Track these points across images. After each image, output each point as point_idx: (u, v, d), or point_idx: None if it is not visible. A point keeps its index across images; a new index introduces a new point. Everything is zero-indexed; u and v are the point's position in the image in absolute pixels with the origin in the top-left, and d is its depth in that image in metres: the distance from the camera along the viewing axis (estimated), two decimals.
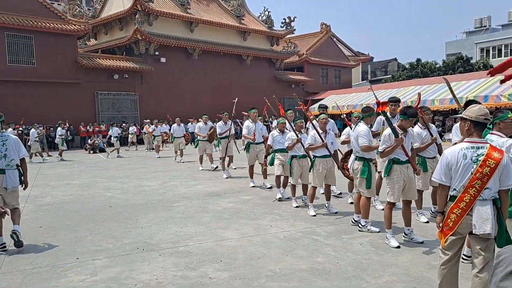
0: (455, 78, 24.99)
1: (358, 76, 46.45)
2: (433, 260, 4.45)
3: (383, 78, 43.50)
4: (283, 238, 5.45)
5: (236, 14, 31.82)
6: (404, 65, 40.18)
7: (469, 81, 21.99)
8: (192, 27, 28.37)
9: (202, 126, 12.16)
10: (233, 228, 5.97)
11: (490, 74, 4.23)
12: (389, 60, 51.57)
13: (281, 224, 6.17)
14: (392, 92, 25.35)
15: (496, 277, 1.25)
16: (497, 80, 20.33)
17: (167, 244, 5.29)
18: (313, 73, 36.78)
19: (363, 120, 5.89)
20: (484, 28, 46.78)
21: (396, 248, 4.90)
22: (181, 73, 27.82)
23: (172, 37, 27.10)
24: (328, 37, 38.76)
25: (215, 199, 8.10)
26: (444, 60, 37.31)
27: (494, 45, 41.52)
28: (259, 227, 6.00)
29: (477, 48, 42.53)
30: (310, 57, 36.19)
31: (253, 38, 32.16)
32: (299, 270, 4.29)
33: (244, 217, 6.65)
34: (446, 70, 34.49)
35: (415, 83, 27.32)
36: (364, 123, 5.81)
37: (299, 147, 7.06)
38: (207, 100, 28.22)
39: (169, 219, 6.63)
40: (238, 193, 8.71)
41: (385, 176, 5.18)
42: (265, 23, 33.77)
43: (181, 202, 7.94)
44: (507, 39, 40.60)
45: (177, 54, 27.56)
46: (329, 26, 38.87)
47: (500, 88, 19.09)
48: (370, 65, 50.05)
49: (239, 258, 4.69)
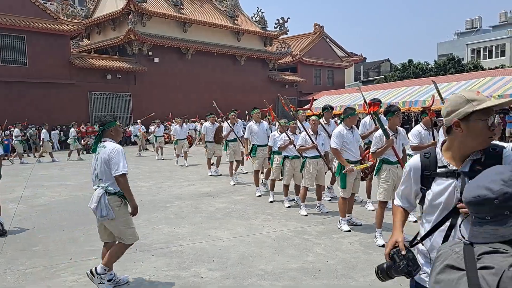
0: (446, 79, 25.26)
1: (351, 77, 46.69)
2: None
3: (376, 78, 43.75)
4: (274, 237, 5.55)
5: (230, 15, 31.89)
6: (397, 65, 40.47)
7: (460, 82, 22.23)
8: (186, 28, 28.39)
9: (209, 127, 11.24)
10: (225, 228, 6.05)
11: None
12: (381, 60, 51.88)
13: (273, 224, 6.27)
14: (384, 92, 25.58)
15: (435, 270, 1.35)
16: (487, 80, 20.64)
17: (160, 244, 5.36)
18: (307, 73, 36.95)
19: (343, 121, 5.94)
20: (475, 29, 47.29)
21: (382, 247, 5.00)
22: (174, 73, 27.83)
23: (166, 37, 27.11)
24: (321, 38, 38.96)
25: (208, 199, 8.17)
26: (435, 61, 37.64)
27: (484, 46, 41.98)
28: (251, 227, 6.09)
29: (468, 49, 42.97)
30: (303, 57, 36.35)
31: (246, 39, 32.25)
32: (290, 269, 4.38)
33: (237, 217, 6.74)
34: (437, 71, 34.79)
35: (407, 83, 27.55)
36: (344, 124, 5.90)
37: (292, 147, 7.16)
38: (201, 100, 28.24)
39: (162, 219, 6.70)
40: (231, 193, 8.79)
41: (375, 175, 5.32)
42: (258, 24, 33.88)
43: (174, 202, 8.01)
44: (497, 40, 41.07)
45: (170, 54, 27.57)
46: (322, 27, 39.08)
47: (490, 89, 19.34)
48: (363, 65, 50.32)
49: (231, 258, 4.78)
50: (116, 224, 3.87)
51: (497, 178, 1.31)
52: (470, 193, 1.35)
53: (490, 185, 1.30)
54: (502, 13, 45.20)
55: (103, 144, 3.94)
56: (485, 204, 1.30)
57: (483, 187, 1.32)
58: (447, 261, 1.31)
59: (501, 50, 40.63)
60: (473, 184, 1.38)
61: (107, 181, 3.85)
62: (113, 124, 4.01)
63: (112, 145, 3.90)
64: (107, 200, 3.79)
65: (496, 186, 1.29)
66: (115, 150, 3.83)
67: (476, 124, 1.73)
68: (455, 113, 1.77)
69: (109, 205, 3.79)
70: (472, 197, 1.33)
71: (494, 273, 1.16)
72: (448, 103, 1.83)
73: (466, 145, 1.79)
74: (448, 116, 1.80)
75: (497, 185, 1.29)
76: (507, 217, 1.26)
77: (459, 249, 1.31)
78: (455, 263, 1.28)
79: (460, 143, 1.80)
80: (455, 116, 1.77)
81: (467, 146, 1.79)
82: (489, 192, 1.29)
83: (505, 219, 1.27)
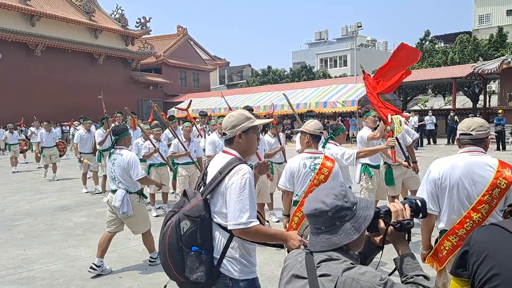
0: (301, 85, 27.78)
1: (216, 80, 47.77)
2: (282, 258, 4.92)
3: (239, 82, 45.63)
4: (142, 251, 5.35)
5: (86, 10, 29.66)
6: (257, 71, 42.82)
7: (311, 88, 24.65)
8: (34, 21, 25.45)
9: (84, 135, 9.28)
10: (86, 246, 5.61)
11: None
12: (243, 65, 54.26)
13: (139, 236, 6.02)
14: (247, 97, 26.80)
15: (283, 280, 1.49)
16: (333, 88, 23.30)
17: (7, 271, 4.71)
18: (171, 75, 36.50)
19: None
20: (323, 41, 52.90)
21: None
22: (21, 71, 24.68)
23: (8, 30, 23.89)
24: (185, 40, 38.92)
25: (65, 214, 7.47)
26: (291, 68, 40.98)
27: (331, 56, 47.34)
28: (116, 242, 5.74)
29: (318, 58, 47.88)
30: (167, 59, 35.82)
31: (105, 36, 30.39)
32: (158, 283, 4.28)
33: (99, 231, 6.30)
34: (293, 77, 37.94)
35: (267, 89, 29.42)
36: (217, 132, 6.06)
37: (157, 155, 7.03)
38: (56, 101, 25.65)
39: (9, 241, 5.89)
40: (92, 205, 8.18)
41: None
42: (118, 22, 32.25)
43: (24, 220, 7.11)
44: (341, 52, 46.69)
45: (15, 49, 24.40)
46: (186, 29, 39.10)
47: (336, 95, 21.90)
48: (227, 69, 51.94)
49: (93, 279, 4.45)
50: (135, 218, 4.63)
51: (330, 193, 1.46)
52: (308, 207, 1.48)
53: (324, 199, 1.44)
54: (344, 27, 51.46)
55: (119, 151, 4.60)
56: (321, 216, 1.43)
57: (319, 201, 1.45)
58: (292, 271, 1.45)
59: (344, 61, 46.33)
60: (311, 198, 1.51)
61: (127, 184, 4.57)
62: (126, 133, 4.71)
63: (129, 153, 4.62)
64: (128, 197, 4.52)
65: (329, 199, 1.43)
66: (133, 158, 4.57)
67: None
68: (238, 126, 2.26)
69: (130, 202, 4.53)
70: (310, 210, 1.46)
71: (331, 280, 1.32)
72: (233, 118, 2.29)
73: None
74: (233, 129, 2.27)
75: (329, 199, 1.43)
76: (338, 227, 1.42)
77: (301, 258, 1.45)
78: (299, 272, 1.42)
79: None
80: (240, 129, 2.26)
81: None
82: (324, 205, 1.43)
83: (336, 228, 1.42)
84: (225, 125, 2.27)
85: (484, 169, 2.55)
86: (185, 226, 2.12)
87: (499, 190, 2.48)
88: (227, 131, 2.25)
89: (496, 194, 2.48)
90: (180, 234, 2.11)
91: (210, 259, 2.15)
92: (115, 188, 4.58)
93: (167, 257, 2.15)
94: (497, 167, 2.52)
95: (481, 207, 2.51)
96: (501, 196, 2.49)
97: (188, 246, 2.12)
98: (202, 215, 2.14)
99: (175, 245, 2.12)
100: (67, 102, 25.90)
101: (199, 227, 2.13)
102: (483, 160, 2.59)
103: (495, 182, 2.49)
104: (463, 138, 2.69)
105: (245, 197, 2.10)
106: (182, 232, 2.11)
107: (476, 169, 2.57)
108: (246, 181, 2.13)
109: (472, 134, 2.65)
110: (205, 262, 2.13)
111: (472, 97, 25.65)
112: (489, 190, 2.49)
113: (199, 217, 2.13)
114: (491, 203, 2.49)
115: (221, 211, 2.17)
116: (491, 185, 2.50)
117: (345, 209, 1.42)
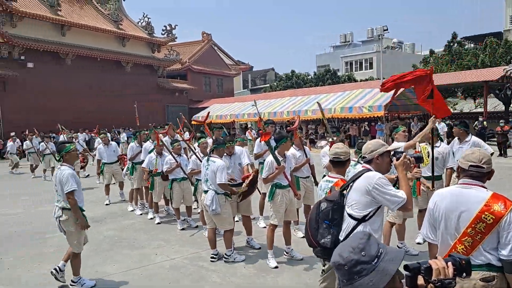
0: (324, 90, 27.49)
1: (240, 84, 47.97)
2: (308, 278, 4.85)
3: (263, 87, 45.65)
4: (168, 267, 5.39)
5: (114, 19, 30.37)
6: (281, 75, 42.74)
7: (336, 93, 24.34)
8: (64, 31, 26.25)
9: (102, 149, 9.42)
10: (114, 261, 5.69)
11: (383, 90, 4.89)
12: (267, 69, 54.30)
13: (166, 250, 6.08)
14: (271, 102, 26.77)
15: None
16: (359, 92, 22.94)
17: (37, 287, 4.83)
18: (196, 81, 36.92)
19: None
20: (348, 43, 52.28)
21: (275, 268, 5.19)
22: (52, 79, 25.44)
23: (41, 40, 24.72)
24: (209, 46, 39.31)
25: (94, 226, 7.60)
26: (315, 72, 40.68)
27: (356, 59, 46.68)
28: (143, 258, 5.81)
29: (343, 61, 47.34)
30: (192, 65, 36.25)
31: (132, 44, 31.03)
32: None
33: (126, 246, 6.39)
34: (317, 82, 37.63)
35: (291, 93, 29.25)
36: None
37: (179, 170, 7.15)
38: (86, 108, 26.34)
39: (40, 255, 6.04)
40: (120, 216, 8.33)
41: (270, 200, 5.43)
42: (145, 29, 32.86)
43: (55, 232, 7.26)
44: (366, 54, 46.02)
45: (47, 59, 25.20)
46: (210, 35, 39.47)
47: (362, 100, 21.55)
48: (250, 74, 52.08)
49: None
50: (221, 215, 5.34)
51: (348, 245, 1.42)
52: (332, 259, 1.45)
53: (342, 253, 1.41)
54: (369, 30, 50.73)
55: (212, 159, 5.41)
56: (339, 269, 1.41)
57: (337, 254, 1.42)
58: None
59: (370, 63, 45.60)
60: (336, 250, 1.47)
61: (214, 186, 5.30)
62: (223, 146, 5.65)
63: (219, 161, 5.37)
64: (217, 198, 5.28)
65: (345, 253, 1.40)
66: (222, 165, 5.30)
67: None
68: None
69: (218, 201, 5.28)
70: (331, 263, 1.45)
71: None
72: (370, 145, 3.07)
73: None
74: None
75: (346, 252, 1.40)
76: (356, 281, 1.37)
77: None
78: None
79: None
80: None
81: None
82: (341, 259, 1.40)
83: (355, 282, 1.37)
84: (364, 150, 3.08)
85: (471, 202, 2.52)
86: (323, 206, 3.03)
87: (484, 225, 2.44)
88: (367, 154, 3.05)
89: (481, 228, 2.45)
90: (319, 210, 3.02)
91: (336, 234, 2.96)
92: (206, 189, 5.38)
93: (307, 226, 3.08)
94: (486, 201, 2.48)
95: (464, 239, 2.52)
96: (488, 232, 2.44)
97: (322, 219, 2.99)
98: (335, 200, 3.00)
99: (314, 217, 3.03)
100: (96, 109, 26.53)
101: (332, 209, 2.99)
102: (474, 193, 2.54)
103: (480, 215, 2.46)
104: (473, 171, 2.59)
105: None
106: (320, 209, 3.02)
107: (464, 202, 2.54)
108: None
109: (484, 168, 2.58)
110: (332, 234, 2.95)
111: (504, 100, 24.79)
112: (472, 224, 2.48)
113: (332, 201, 3.01)
114: (474, 237, 2.48)
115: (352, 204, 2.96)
116: (474, 218, 2.47)
117: (362, 263, 1.37)
